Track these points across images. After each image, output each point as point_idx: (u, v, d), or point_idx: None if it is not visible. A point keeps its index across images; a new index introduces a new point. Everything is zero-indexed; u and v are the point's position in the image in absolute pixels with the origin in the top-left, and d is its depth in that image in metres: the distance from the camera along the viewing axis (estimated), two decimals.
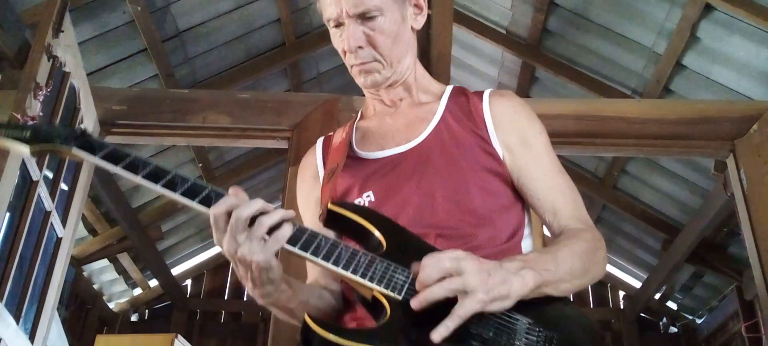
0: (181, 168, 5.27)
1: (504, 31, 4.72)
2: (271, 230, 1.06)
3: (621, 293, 6.84)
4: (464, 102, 1.41)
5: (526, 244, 1.32)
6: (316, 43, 4.79)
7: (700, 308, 6.24)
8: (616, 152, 3.97)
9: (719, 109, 3.38)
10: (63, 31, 2.83)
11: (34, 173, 2.77)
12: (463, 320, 1.01)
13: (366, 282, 1.08)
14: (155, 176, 1.12)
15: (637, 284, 6.44)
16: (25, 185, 2.75)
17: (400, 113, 1.43)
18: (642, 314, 6.61)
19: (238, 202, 1.06)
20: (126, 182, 4.91)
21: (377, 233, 1.16)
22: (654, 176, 4.90)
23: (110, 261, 5.87)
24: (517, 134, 1.35)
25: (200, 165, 5.25)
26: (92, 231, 5.37)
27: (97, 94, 3.27)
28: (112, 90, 3.57)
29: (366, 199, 1.32)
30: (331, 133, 1.54)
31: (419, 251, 1.14)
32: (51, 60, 2.72)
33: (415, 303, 1.02)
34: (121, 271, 6.13)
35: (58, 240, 3.08)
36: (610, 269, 6.60)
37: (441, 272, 1.02)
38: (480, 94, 1.42)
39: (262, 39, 4.59)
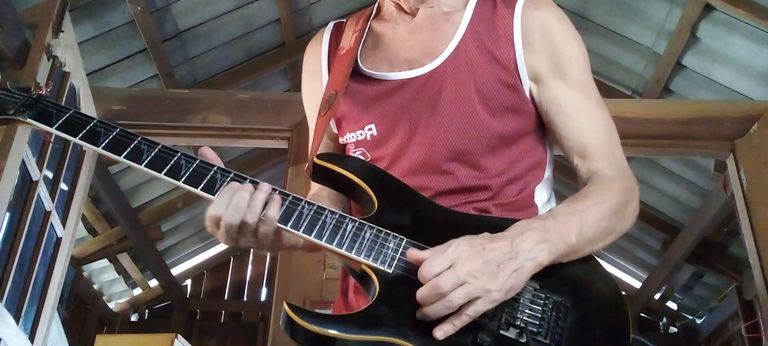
0: None
1: None
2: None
3: None
4: (489, 15, 1.20)
5: (541, 190, 1.17)
6: None
7: (700, 308, 6.23)
8: None
9: (719, 109, 3.38)
10: (63, 31, 2.83)
11: (34, 173, 2.77)
12: (473, 319, 0.92)
13: (352, 255, 0.98)
14: (119, 144, 1.03)
15: (637, 284, 6.43)
16: (25, 184, 2.75)
17: (418, 25, 1.24)
18: (642, 314, 6.61)
19: (226, 204, 0.98)
20: (126, 181, 4.95)
21: (368, 190, 1.07)
22: (654, 175, 4.89)
23: (110, 261, 5.87)
24: (550, 59, 1.16)
25: None
26: (92, 231, 5.37)
27: (97, 94, 3.27)
28: (112, 90, 3.58)
29: (368, 132, 1.18)
30: (343, 20, 1.35)
31: (416, 210, 1.06)
32: (51, 60, 2.72)
33: (419, 315, 0.93)
34: (121, 271, 6.12)
35: (58, 240, 3.08)
36: (610, 269, 6.61)
37: (441, 296, 0.91)
38: (511, 4, 1.20)
39: (262, 39, 4.59)
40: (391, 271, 0.98)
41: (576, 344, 0.95)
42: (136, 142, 1.03)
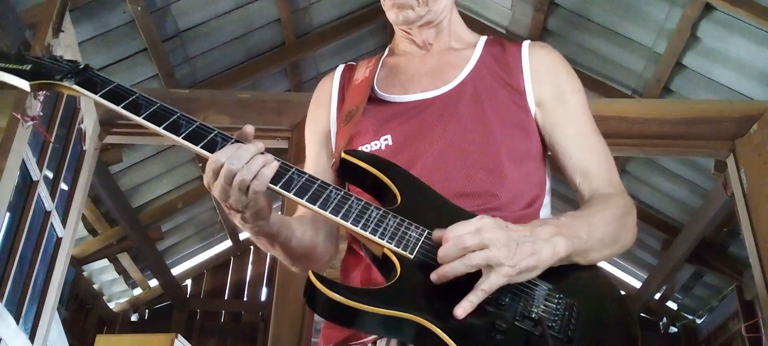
0: (181, 168, 5.28)
1: (504, 31, 4.72)
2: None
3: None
4: (500, 52, 1.33)
5: (545, 213, 1.25)
6: (316, 43, 4.79)
7: (700, 308, 6.24)
8: (616, 152, 3.95)
9: (719, 109, 3.38)
10: (63, 31, 2.83)
11: (34, 173, 2.77)
12: (488, 295, 0.95)
13: (376, 238, 1.02)
14: (158, 117, 1.07)
15: (637, 284, 6.43)
16: (25, 184, 2.76)
17: (431, 57, 1.35)
18: (642, 314, 6.61)
19: (230, 155, 1.02)
20: (126, 181, 4.95)
21: (392, 186, 1.11)
22: (654, 175, 4.89)
23: (110, 261, 5.87)
24: (554, 88, 1.28)
25: (200, 165, 5.25)
26: (92, 231, 5.37)
27: None
28: None
29: (383, 142, 1.24)
30: (353, 63, 1.44)
31: (437, 207, 1.10)
32: None
33: (435, 277, 0.96)
34: (121, 271, 6.12)
35: (58, 240, 3.09)
36: (610, 268, 6.60)
37: (463, 250, 0.95)
38: (518, 44, 1.34)
39: (262, 39, 4.59)
40: (412, 256, 1.01)
41: (587, 343, 0.99)
42: (175, 116, 1.08)
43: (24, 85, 1.11)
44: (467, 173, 1.17)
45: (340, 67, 1.43)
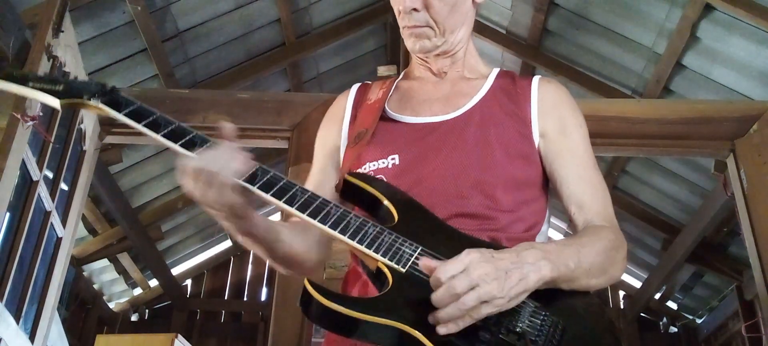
0: None
1: (504, 31, 4.72)
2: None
3: (621, 293, 6.84)
4: (509, 84, 1.38)
5: (541, 240, 1.27)
6: (316, 43, 4.79)
7: (700, 308, 6.24)
8: (616, 152, 3.98)
9: (719, 109, 3.38)
10: (63, 31, 2.83)
11: (34, 173, 2.77)
12: (475, 321, 0.98)
13: (370, 252, 1.07)
14: (175, 135, 1.14)
15: (637, 284, 6.44)
16: (25, 184, 2.75)
17: (444, 84, 1.40)
18: (642, 314, 6.61)
19: (198, 158, 1.06)
20: (126, 181, 4.95)
21: (389, 205, 1.16)
22: (654, 175, 4.90)
23: (110, 261, 5.87)
24: (558, 121, 1.33)
25: None
26: (92, 231, 5.37)
27: None
28: None
29: (390, 161, 1.28)
30: (368, 83, 1.50)
31: (432, 227, 1.14)
32: (51, 60, 2.73)
33: (432, 319, 0.98)
34: (121, 271, 6.13)
35: (58, 240, 3.09)
36: None
37: (455, 296, 0.96)
38: (529, 78, 1.40)
39: (262, 39, 4.60)
40: (404, 270, 1.05)
41: None
42: (191, 135, 1.15)
43: (55, 103, 1.18)
44: (468, 195, 1.21)
45: (356, 86, 1.49)
